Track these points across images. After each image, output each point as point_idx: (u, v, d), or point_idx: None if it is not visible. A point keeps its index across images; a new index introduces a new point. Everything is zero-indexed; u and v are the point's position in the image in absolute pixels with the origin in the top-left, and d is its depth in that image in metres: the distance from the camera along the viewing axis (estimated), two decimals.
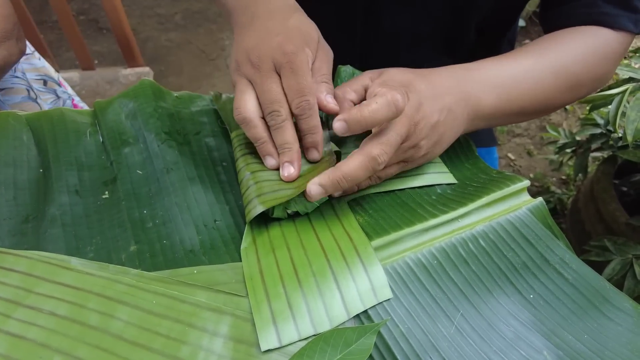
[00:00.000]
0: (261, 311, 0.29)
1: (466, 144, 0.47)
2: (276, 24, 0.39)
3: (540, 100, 0.44)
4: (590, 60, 0.45)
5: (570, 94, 0.46)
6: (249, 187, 0.38)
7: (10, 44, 0.49)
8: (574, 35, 0.46)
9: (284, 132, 0.37)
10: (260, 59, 0.37)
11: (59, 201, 0.40)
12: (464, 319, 0.32)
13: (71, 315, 0.30)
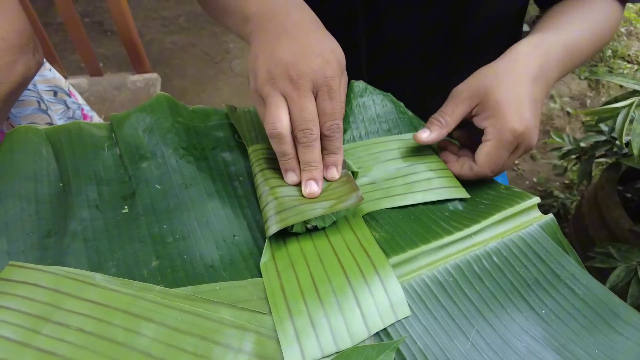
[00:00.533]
0: (285, 329, 0.30)
1: None
2: (313, 42, 0.39)
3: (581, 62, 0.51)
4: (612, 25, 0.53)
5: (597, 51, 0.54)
6: (268, 203, 0.39)
7: (27, 59, 0.50)
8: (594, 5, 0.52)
9: (313, 150, 0.39)
10: (301, 77, 0.37)
11: (79, 216, 0.41)
12: (478, 335, 0.33)
13: (98, 332, 0.31)
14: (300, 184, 0.40)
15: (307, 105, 0.38)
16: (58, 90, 0.66)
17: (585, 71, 1.80)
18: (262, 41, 0.40)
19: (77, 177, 0.44)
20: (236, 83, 1.73)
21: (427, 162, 0.45)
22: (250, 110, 0.50)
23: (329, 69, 0.38)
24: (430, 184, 0.43)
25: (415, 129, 0.50)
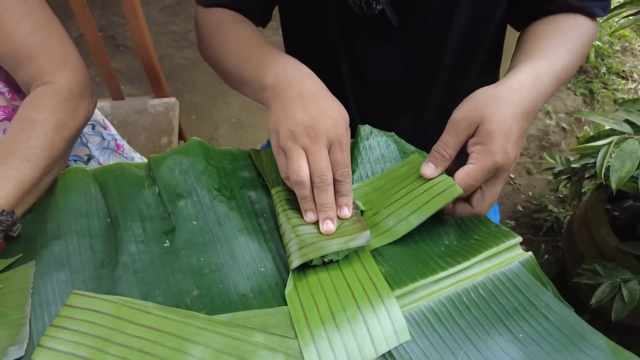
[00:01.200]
0: (309, 351, 0.38)
1: None
2: (325, 106, 0.48)
3: (560, 85, 0.53)
4: (589, 43, 0.56)
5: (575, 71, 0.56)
6: (290, 240, 0.46)
7: (87, 103, 0.57)
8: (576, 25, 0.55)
9: (327, 193, 0.46)
10: (318, 134, 0.46)
11: (128, 250, 0.48)
12: (466, 355, 0.40)
13: (156, 353, 0.38)
14: (317, 223, 0.47)
15: (323, 157, 0.46)
16: (95, 124, 0.73)
17: (581, 87, 1.86)
18: (281, 106, 0.48)
19: (123, 213, 0.51)
20: (245, 99, 1.80)
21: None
22: (269, 152, 0.57)
23: (339, 128, 0.47)
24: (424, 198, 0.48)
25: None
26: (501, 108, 0.45)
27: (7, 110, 0.58)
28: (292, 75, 0.50)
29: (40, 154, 0.49)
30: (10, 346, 0.39)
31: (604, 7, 0.55)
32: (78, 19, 0.95)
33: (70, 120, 0.54)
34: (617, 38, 2.05)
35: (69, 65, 0.56)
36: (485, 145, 0.45)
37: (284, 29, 0.74)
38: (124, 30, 2.17)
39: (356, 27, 0.62)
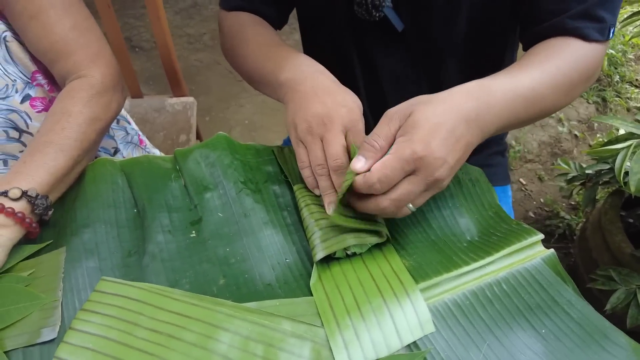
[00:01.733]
0: (336, 340, 0.38)
1: (489, 194, 0.56)
2: (338, 98, 0.50)
3: (539, 109, 0.50)
4: (575, 64, 0.51)
5: (567, 98, 0.52)
6: (314, 233, 0.47)
7: (118, 96, 0.59)
8: (557, 46, 0.51)
9: (339, 177, 0.47)
10: (333, 123, 0.47)
11: (155, 240, 0.49)
12: (489, 348, 0.41)
13: (184, 338, 0.39)
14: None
15: (337, 142, 0.47)
16: (120, 119, 0.75)
17: (593, 95, 1.86)
18: (297, 100, 0.50)
19: (151, 204, 0.52)
20: (258, 101, 1.82)
21: None
22: (291, 148, 0.58)
23: (353, 114, 0.49)
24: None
25: None
26: (434, 105, 0.43)
27: (44, 101, 0.60)
28: (306, 72, 0.53)
29: (74, 144, 0.51)
30: (43, 328, 0.40)
31: (601, 30, 0.51)
32: (102, 17, 0.98)
33: (102, 113, 0.56)
34: (630, 47, 2.05)
35: (103, 60, 0.58)
36: (407, 135, 0.41)
37: (302, 32, 0.76)
38: (139, 32, 2.21)
39: (365, 31, 0.64)
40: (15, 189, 0.45)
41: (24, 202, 0.46)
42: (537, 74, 0.49)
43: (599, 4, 0.50)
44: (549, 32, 0.53)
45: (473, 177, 0.57)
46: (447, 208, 0.52)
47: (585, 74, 0.52)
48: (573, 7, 0.50)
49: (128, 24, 2.26)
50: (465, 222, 0.51)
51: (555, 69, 0.49)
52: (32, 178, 0.47)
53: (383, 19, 0.59)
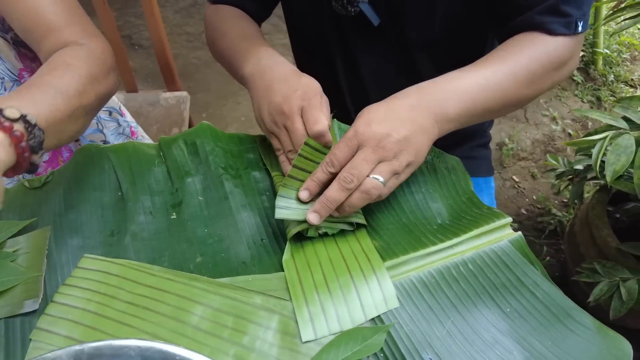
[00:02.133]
0: (302, 313, 0.40)
1: (464, 182, 0.57)
2: (293, 84, 0.52)
3: (502, 99, 0.52)
4: (540, 58, 0.53)
5: (532, 89, 0.54)
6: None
7: (114, 75, 0.57)
8: (524, 42, 0.54)
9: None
10: (291, 110, 0.50)
11: (137, 220, 0.51)
12: (453, 325, 0.42)
13: (159, 310, 0.41)
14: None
15: (298, 128, 0.49)
16: (112, 110, 0.77)
17: (588, 94, 1.87)
18: (259, 95, 0.54)
19: (134, 188, 0.54)
20: None
21: None
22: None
23: (306, 94, 0.51)
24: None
25: None
26: (377, 104, 0.48)
27: None
28: (264, 65, 0.56)
29: (74, 93, 0.47)
30: (26, 300, 0.42)
31: (567, 24, 0.53)
32: (99, 14, 1.00)
33: (102, 76, 0.52)
34: (625, 47, 2.06)
35: (100, 39, 0.57)
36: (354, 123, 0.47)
37: (288, 27, 0.79)
38: (139, 30, 2.23)
39: (346, 26, 0.66)
40: (13, 109, 0.39)
41: (21, 125, 0.40)
42: (497, 67, 0.51)
43: (565, 1, 0.52)
44: (519, 26, 0.55)
45: (450, 165, 0.59)
46: (419, 193, 0.54)
47: (550, 66, 0.54)
48: (541, 2, 0.53)
49: (129, 22, 2.29)
50: (437, 206, 0.53)
51: (515, 62, 0.52)
52: (31, 107, 0.42)
53: (359, 13, 0.61)
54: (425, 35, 0.63)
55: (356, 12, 0.61)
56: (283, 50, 2.13)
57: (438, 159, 0.59)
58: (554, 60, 0.54)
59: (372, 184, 0.44)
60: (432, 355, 0.40)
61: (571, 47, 0.55)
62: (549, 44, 0.54)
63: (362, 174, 0.44)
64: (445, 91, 0.49)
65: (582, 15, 0.54)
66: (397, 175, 0.46)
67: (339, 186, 0.44)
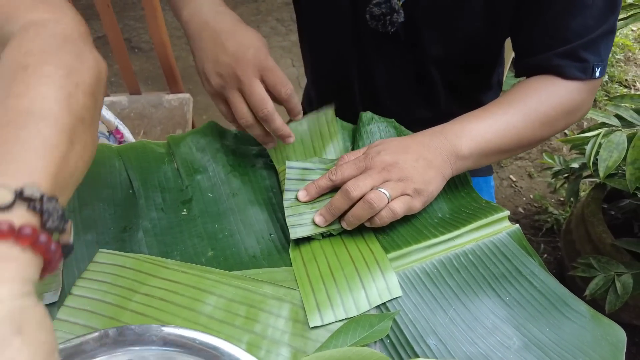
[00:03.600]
0: (309, 300, 0.42)
1: (464, 178, 0.59)
2: (242, 39, 0.49)
3: (516, 140, 0.54)
4: (553, 102, 0.55)
5: (545, 131, 0.56)
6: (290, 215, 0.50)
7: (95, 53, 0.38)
8: (539, 84, 0.56)
9: (275, 120, 0.50)
10: (245, 71, 0.48)
11: (149, 216, 0.53)
12: (455, 312, 0.44)
13: (175, 301, 0.43)
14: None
15: (256, 91, 0.48)
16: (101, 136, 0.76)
17: None
18: (202, 48, 0.51)
19: (145, 185, 0.56)
20: None
21: None
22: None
23: (261, 54, 0.49)
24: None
25: None
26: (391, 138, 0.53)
27: None
28: (206, 14, 0.52)
29: (55, 106, 0.31)
30: (46, 292, 0.44)
31: (584, 69, 0.54)
32: (102, 17, 1.02)
33: (76, 62, 0.35)
34: (619, 48, 2.09)
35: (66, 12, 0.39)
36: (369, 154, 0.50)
37: (300, 29, 0.79)
38: (138, 33, 2.25)
39: (367, 36, 0.67)
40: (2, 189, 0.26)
41: (22, 209, 0.26)
42: (511, 110, 0.54)
43: (583, 46, 0.53)
44: (536, 65, 0.56)
45: None
46: None
47: (563, 110, 0.55)
48: (560, 45, 0.54)
49: (128, 25, 2.30)
50: (438, 201, 0.55)
51: (529, 106, 0.54)
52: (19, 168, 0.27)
53: (395, 32, 0.62)
54: (443, 51, 0.64)
55: (393, 31, 0.62)
56: (282, 53, 2.16)
57: None
58: (567, 104, 0.55)
59: (376, 195, 0.45)
60: (435, 341, 0.42)
61: (586, 92, 0.56)
62: (563, 88, 0.55)
63: (366, 185, 0.46)
64: (458, 131, 0.51)
65: (600, 61, 0.54)
66: (408, 196, 0.47)
67: (341, 194, 0.47)
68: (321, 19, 0.71)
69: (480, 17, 0.59)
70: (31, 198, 0.26)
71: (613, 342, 0.46)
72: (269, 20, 2.33)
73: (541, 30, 0.56)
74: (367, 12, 0.62)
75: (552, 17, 0.54)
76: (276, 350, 0.39)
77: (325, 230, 0.49)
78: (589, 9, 0.52)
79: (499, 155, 0.56)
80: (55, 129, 0.30)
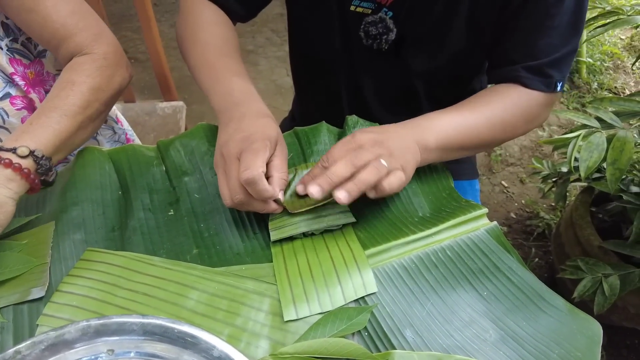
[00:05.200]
0: (285, 295, 0.43)
1: (445, 179, 0.61)
2: (244, 124, 0.50)
3: (476, 140, 0.58)
4: (515, 109, 0.60)
5: (505, 135, 0.61)
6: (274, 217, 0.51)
7: (122, 72, 0.63)
8: (505, 92, 0.60)
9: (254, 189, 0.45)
10: (229, 151, 0.48)
11: (137, 216, 0.54)
12: (433, 306, 0.45)
13: (158, 296, 0.44)
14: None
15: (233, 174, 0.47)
16: (108, 118, 0.80)
17: (573, 102, 1.93)
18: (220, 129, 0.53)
19: (134, 186, 0.57)
20: None
21: None
22: None
23: (251, 137, 0.48)
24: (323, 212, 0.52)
25: None
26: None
27: (24, 100, 0.64)
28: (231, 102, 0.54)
29: (77, 110, 0.55)
30: (33, 288, 0.45)
31: (547, 83, 0.59)
32: None
33: (105, 84, 0.59)
34: (608, 56, 2.13)
35: (105, 39, 0.61)
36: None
37: (290, 37, 0.80)
38: (135, 44, 2.28)
39: (358, 51, 0.69)
40: (24, 147, 0.49)
41: (30, 160, 0.49)
42: (475, 112, 0.58)
43: (548, 64, 0.58)
44: (504, 75, 0.62)
45: (432, 165, 0.62)
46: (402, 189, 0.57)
47: (524, 117, 0.61)
48: (528, 60, 0.59)
49: (125, 36, 2.34)
50: (418, 200, 0.56)
51: (491, 110, 0.59)
52: (38, 139, 0.51)
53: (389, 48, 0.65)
54: (429, 68, 0.68)
55: (388, 48, 0.65)
56: (277, 63, 2.19)
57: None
58: (528, 113, 0.61)
59: (376, 164, 0.46)
60: (412, 334, 0.43)
61: (545, 104, 0.62)
62: (526, 98, 0.60)
63: (368, 157, 0.46)
64: (426, 126, 0.55)
65: (562, 77, 0.60)
66: (399, 171, 0.48)
67: (346, 162, 0.45)
68: (311, 32, 0.73)
69: (465, 33, 0.63)
70: (36, 155, 0.50)
71: (589, 335, 0.47)
72: (264, 31, 2.36)
73: (512, 45, 0.61)
74: (362, 30, 0.66)
75: (523, 35, 0.59)
76: (256, 342, 0.40)
77: (307, 230, 0.50)
78: (555, 30, 0.57)
79: (460, 152, 0.59)
80: (69, 121, 0.54)
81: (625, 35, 2.26)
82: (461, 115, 0.57)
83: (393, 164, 0.48)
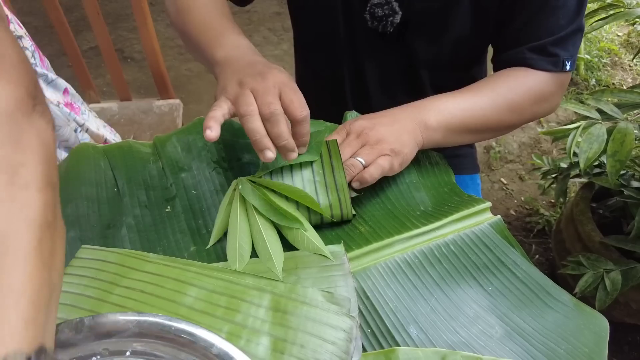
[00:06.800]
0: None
1: (447, 174, 0.60)
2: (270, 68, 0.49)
3: (482, 121, 0.58)
4: (520, 89, 0.59)
5: (512, 117, 0.60)
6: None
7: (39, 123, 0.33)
8: (510, 74, 0.60)
9: (280, 125, 0.45)
10: (265, 78, 0.46)
11: (133, 213, 0.53)
12: (437, 302, 0.44)
13: (156, 293, 0.43)
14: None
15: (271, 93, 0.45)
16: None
17: (572, 98, 1.92)
18: (229, 76, 0.49)
19: (130, 183, 0.56)
20: None
21: None
22: None
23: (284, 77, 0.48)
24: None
25: None
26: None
27: None
28: (238, 54, 0.53)
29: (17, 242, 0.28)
30: None
31: (554, 62, 0.58)
32: (93, 27, 1.03)
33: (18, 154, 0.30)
34: (605, 52, 2.13)
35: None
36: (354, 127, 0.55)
37: (295, 29, 0.80)
38: (131, 44, 2.27)
39: (362, 35, 0.69)
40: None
41: None
42: (479, 92, 0.58)
43: (552, 43, 0.58)
44: (509, 59, 0.61)
45: (433, 160, 0.62)
46: (404, 184, 0.56)
47: (530, 98, 0.60)
48: (533, 41, 0.58)
49: (121, 36, 2.32)
50: (420, 195, 0.55)
51: (496, 90, 0.59)
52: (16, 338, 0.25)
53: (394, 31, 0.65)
54: (432, 53, 0.67)
55: (392, 32, 0.64)
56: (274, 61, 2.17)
57: (422, 155, 0.61)
58: (535, 93, 0.59)
59: (351, 162, 0.50)
60: (417, 330, 0.42)
61: (554, 84, 0.60)
62: (532, 78, 0.59)
63: (345, 154, 0.49)
64: (426, 105, 0.56)
65: (570, 56, 0.59)
66: (387, 156, 0.50)
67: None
68: (314, 15, 0.73)
69: (469, 17, 0.62)
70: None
71: (596, 331, 0.46)
72: (261, 30, 2.35)
73: (517, 27, 0.60)
74: (368, 12, 0.65)
75: (528, 16, 0.58)
76: (256, 339, 0.39)
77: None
78: (561, 10, 0.57)
79: (466, 135, 0.59)
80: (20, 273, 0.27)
81: (623, 32, 2.26)
82: (464, 95, 0.57)
83: (377, 152, 0.50)
